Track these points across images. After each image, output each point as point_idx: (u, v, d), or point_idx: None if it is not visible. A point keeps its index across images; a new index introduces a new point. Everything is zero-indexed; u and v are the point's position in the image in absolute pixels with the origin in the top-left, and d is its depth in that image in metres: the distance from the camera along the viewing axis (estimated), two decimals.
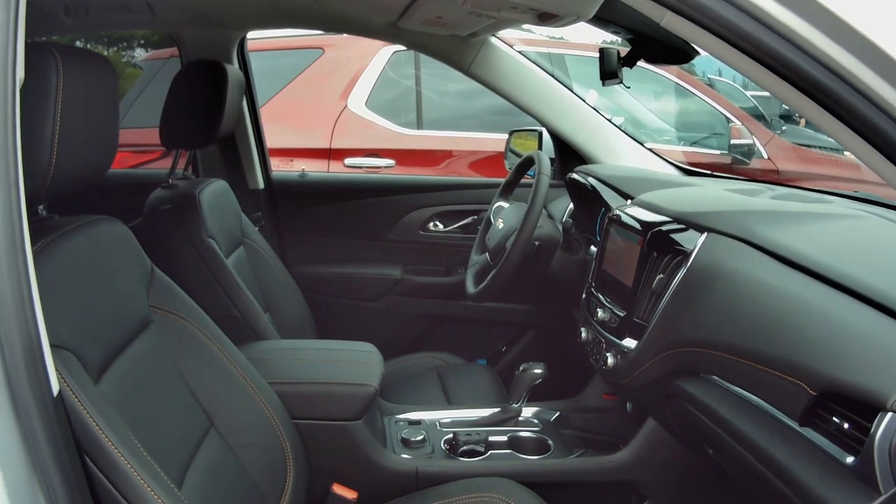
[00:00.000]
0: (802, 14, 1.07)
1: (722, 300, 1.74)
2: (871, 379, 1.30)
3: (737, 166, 5.76)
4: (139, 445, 1.31)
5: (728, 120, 6.10)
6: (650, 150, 3.16)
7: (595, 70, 2.34)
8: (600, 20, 2.18)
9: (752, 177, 5.07)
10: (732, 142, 5.78)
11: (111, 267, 1.61)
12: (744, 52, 1.15)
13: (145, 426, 1.46)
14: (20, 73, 1.04)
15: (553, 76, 3.12)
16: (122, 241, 1.70)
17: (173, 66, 3.14)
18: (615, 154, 3.10)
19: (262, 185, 3.48)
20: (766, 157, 6.08)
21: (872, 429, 1.26)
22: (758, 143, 6.00)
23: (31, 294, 1.01)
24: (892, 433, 1.23)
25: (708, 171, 3.11)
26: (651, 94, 6.55)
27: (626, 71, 2.25)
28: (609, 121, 3.16)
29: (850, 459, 1.32)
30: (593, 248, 2.58)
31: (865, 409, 1.30)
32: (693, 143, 6.27)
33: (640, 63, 2.24)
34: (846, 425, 1.35)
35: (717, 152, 5.97)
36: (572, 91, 3.14)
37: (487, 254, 2.83)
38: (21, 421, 1.00)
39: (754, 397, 1.59)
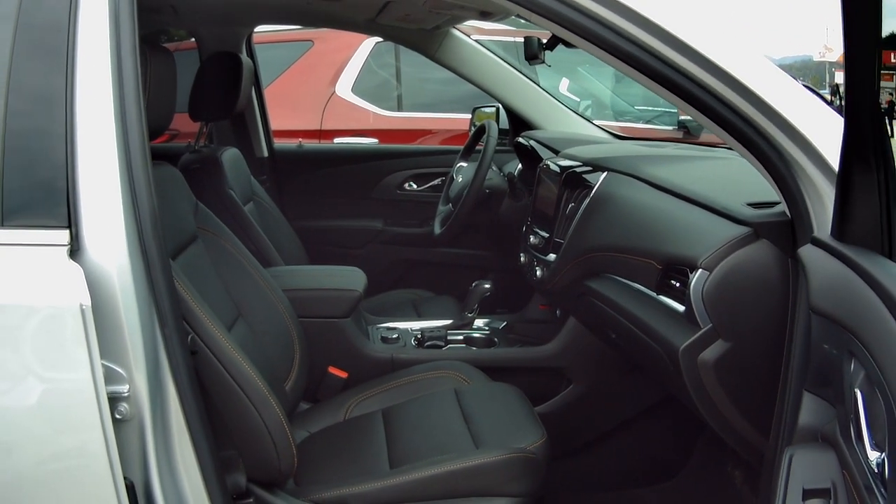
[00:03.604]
0: (619, 13, 1.69)
1: (611, 216, 2.36)
2: (688, 249, 1.88)
3: (686, 139, 5.90)
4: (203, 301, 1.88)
5: None
6: (590, 122, 3.71)
7: (565, 54, 2.85)
8: None
9: None
10: (681, 118, 6.03)
11: (172, 195, 2.18)
12: (597, 46, 1.68)
13: None
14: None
15: (505, 61, 3.66)
16: (177, 179, 2.28)
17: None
18: (557, 123, 3.65)
19: (266, 153, 4.00)
20: None
21: (689, 282, 1.82)
22: None
23: (153, 185, 1.61)
24: (701, 284, 1.78)
25: (637, 137, 3.75)
26: (613, 77, 7.03)
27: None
28: (551, 96, 3.73)
29: (681, 308, 1.90)
30: None
31: (687, 270, 1.86)
32: (648, 122, 6.59)
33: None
34: (678, 285, 1.93)
35: (670, 128, 6.29)
36: (521, 73, 3.68)
37: (451, 203, 3.44)
38: (149, 269, 1.59)
39: (631, 282, 2.18)
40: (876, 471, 1.15)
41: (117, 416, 1.54)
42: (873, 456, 1.17)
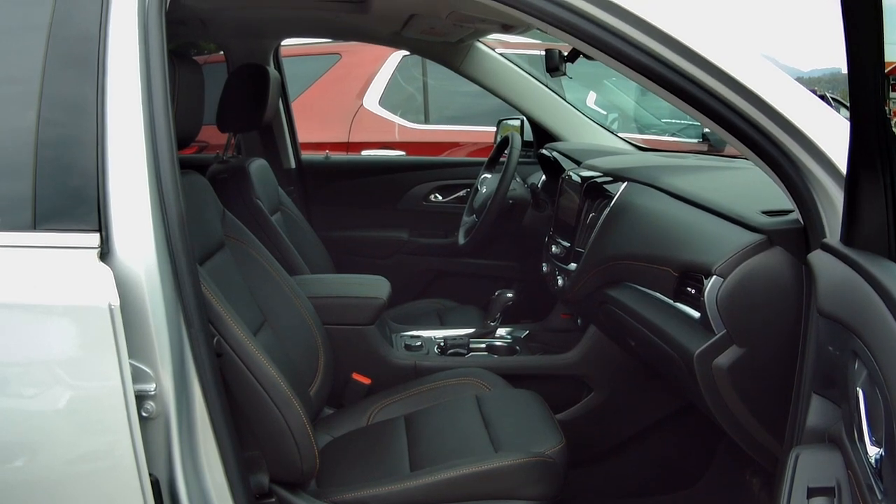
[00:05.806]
0: (636, 25, 1.73)
1: (630, 226, 2.39)
2: (703, 256, 1.91)
3: (709, 151, 5.83)
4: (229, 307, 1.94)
5: None
6: (614, 134, 3.75)
7: (592, 69, 2.85)
8: None
9: None
10: (704, 130, 6.00)
11: (199, 202, 2.23)
12: (614, 57, 1.73)
13: None
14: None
15: (530, 74, 3.70)
16: (205, 187, 2.33)
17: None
18: (580, 135, 3.71)
19: (293, 164, 4.06)
20: None
21: (704, 288, 1.85)
22: None
23: (181, 191, 1.67)
24: (715, 290, 1.81)
25: (656, 149, 3.78)
26: (639, 90, 7.04)
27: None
28: (576, 108, 3.77)
29: (696, 315, 1.93)
30: None
31: (702, 277, 1.89)
32: (672, 134, 6.59)
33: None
34: (693, 291, 1.96)
35: (694, 141, 6.35)
36: (546, 85, 3.72)
37: (475, 214, 3.48)
38: (176, 272, 1.64)
39: (649, 290, 2.21)
40: (875, 466, 1.18)
41: (143, 414, 1.59)
42: (873, 452, 1.20)
